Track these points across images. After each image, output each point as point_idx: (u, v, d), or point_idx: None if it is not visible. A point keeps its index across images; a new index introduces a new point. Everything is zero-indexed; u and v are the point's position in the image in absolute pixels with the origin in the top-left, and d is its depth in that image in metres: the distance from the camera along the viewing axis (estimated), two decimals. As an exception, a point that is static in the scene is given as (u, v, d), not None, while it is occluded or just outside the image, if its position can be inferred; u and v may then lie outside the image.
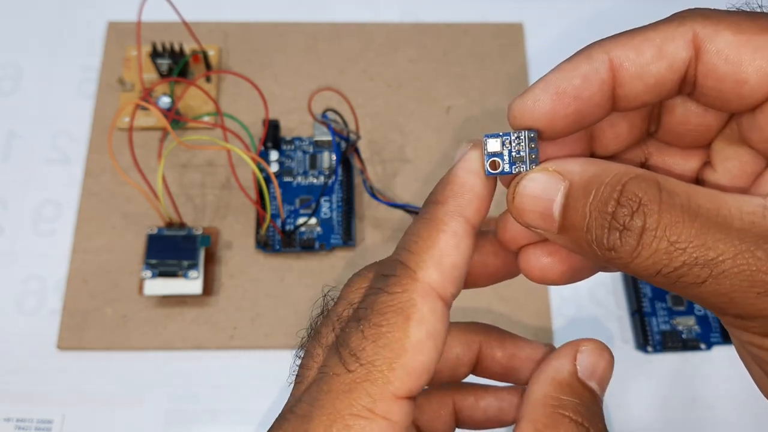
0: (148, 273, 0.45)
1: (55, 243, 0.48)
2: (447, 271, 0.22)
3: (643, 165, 0.26)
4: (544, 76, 0.22)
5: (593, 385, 0.24)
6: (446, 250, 0.22)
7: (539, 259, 0.24)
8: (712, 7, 0.22)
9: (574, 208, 0.21)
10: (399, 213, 0.48)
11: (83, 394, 0.44)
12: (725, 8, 0.22)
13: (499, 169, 0.23)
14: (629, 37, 0.22)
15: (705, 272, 0.19)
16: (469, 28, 0.56)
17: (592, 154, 0.25)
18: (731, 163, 0.24)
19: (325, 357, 0.22)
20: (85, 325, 0.46)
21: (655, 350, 0.46)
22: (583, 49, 0.23)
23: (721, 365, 0.46)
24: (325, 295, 0.25)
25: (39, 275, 0.47)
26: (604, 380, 0.24)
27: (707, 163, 0.25)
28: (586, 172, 0.21)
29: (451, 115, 0.52)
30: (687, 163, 0.25)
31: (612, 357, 0.24)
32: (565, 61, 0.23)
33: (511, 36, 0.55)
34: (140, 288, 0.46)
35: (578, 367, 0.24)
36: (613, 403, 0.45)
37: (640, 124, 0.25)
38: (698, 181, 0.25)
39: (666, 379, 0.45)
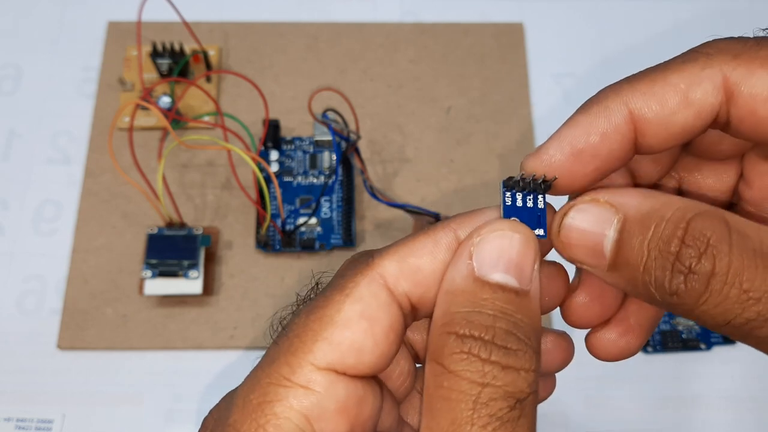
0: (148, 273, 0.45)
1: (55, 243, 0.48)
2: (407, 269, 0.21)
3: (677, 190, 0.24)
4: (558, 131, 0.21)
5: (499, 277, 0.20)
6: (417, 250, 0.21)
7: (615, 344, 0.23)
8: (734, 35, 0.20)
9: (629, 245, 0.19)
10: (399, 213, 0.48)
11: (83, 394, 0.44)
12: (748, 33, 0.20)
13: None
14: (649, 83, 0.20)
15: None
16: (469, 28, 0.55)
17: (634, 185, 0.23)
18: (767, 178, 0.23)
19: None
20: (85, 325, 0.46)
21: (655, 350, 0.45)
22: (597, 97, 0.21)
23: (721, 365, 0.46)
24: (318, 282, 0.24)
25: (39, 275, 0.47)
26: (518, 262, 0.20)
27: (742, 177, 0.23)
28: (643, 205, 0.19)
29: (451, 115, 0.52)
30: (722, 180, 0.24)
31: (525, 233, 0.20)
32: (579, 112, 0.21)
33: (511, 36, 0.55)
34: (140, 288, 0.46)
35: (474, 265, 0.20)
36: (612, 404, 0.45)
37: (675, 150, 0.23)
38: (735, 197, 0.24)
39: (666, 379, 0.45)
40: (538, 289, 0.20)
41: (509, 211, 0.21)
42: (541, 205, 0.21)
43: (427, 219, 0.47)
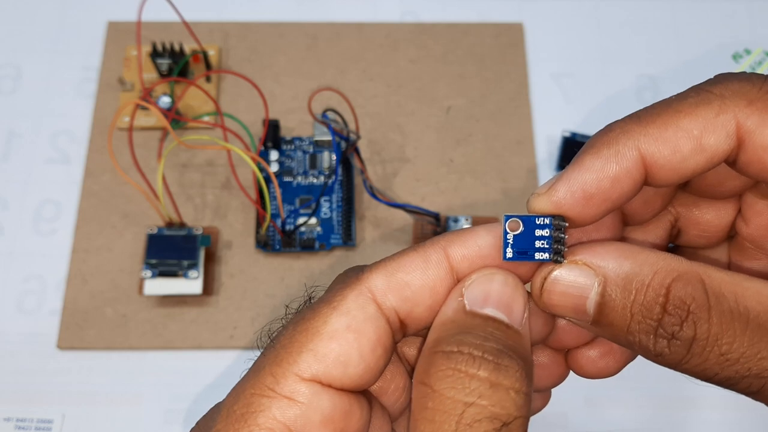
0: (148, 273, 0.45)
1: (55, 243, 0.48)
2: (395, 284, 0.21)
3: (674, 225, 0.24)
4: (567, 172, 0.20)
5: (490, 311, 0.20)
6: (406, 266, 0.21)
7: (595, 363, 0.23)
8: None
9: (611, 308, 0.20)
10: (399, 213, 0.48)
11: (83, 394, 0.44)
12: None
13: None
14: (661, 127, 0.20)
15: (759, 382, 0.18)
16: (469, 28, 0.55)
17: (624, 224, 0.24)
18: (764, 218, 0.23)
19: None
20: (85, 325, 0.46)
21: (655, 350, 0.45)
22: (607, 137, 0.20)
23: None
24: (310, 296, 0.24)
25: (39, 275, 0.47)
26: (507, 303, 0.20)
27: (740, 214, 0.24)
28: (622, 268, 0.20)
29: (451, 115, 0.52)
30: (720, 217, 0.24)
31: (507, 276, 0.21)
32: (588, 153, 0.20)
33: (511, 36, 0.55)
34: (140, 288, 0.46)
35: (466, 302, 0.20)
36: (612, 404, 0.45)
37: (670, 191, 0.24)
38: (732, 231, 0.24)
39: (666, 379, 0.45)
40: (528, 333, 0.20)
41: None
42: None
43: (427, 219, 0.47)
